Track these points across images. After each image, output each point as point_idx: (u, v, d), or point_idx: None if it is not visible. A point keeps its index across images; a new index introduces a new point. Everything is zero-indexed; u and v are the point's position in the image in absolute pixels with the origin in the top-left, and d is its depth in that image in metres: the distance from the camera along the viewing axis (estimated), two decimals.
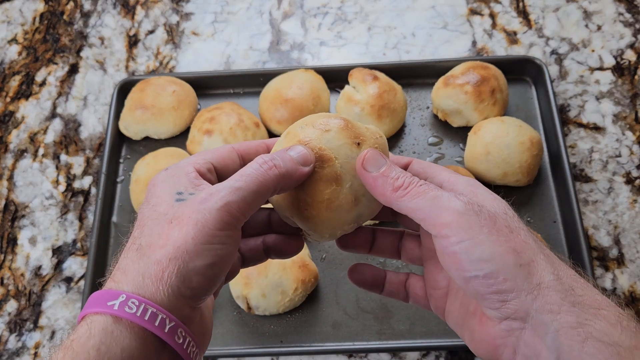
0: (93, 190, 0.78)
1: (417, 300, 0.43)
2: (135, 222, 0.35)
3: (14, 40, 0.92)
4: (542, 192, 0.73)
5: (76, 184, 0.79)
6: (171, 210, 0.33)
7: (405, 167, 0.40)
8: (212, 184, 0.36)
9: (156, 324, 0.31)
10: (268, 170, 0.35)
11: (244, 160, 0.40)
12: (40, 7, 0.95)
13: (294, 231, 0.42)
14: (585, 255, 0.65)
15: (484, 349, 0.35)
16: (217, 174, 0.38)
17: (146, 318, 0.30)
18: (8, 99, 0.86)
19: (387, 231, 0.44)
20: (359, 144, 0.38)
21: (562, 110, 0.80)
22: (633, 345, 0.30)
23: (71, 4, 0.95)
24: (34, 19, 0.94)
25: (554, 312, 0.31)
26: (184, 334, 0.32)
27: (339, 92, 0.80)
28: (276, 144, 0.40)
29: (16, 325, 0.70)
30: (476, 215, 0.34)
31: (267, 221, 0.43)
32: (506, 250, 0.33)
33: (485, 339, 0.35)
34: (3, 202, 0.78)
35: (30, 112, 0.85)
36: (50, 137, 0.82)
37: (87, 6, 0.94)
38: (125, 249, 0.34)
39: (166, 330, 0.31)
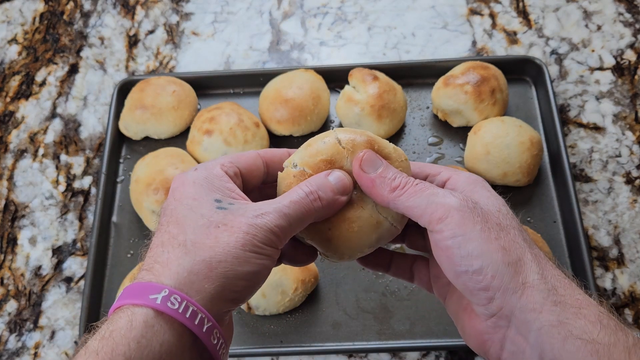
0: (93, 190, 0.78)
1: (421, 283, 0.45)
2: (165, 218, 0.36)
3: (14, 40, 0.92)
4: (542, 192, 0.73)
5: (76, 184, 0.79)
6: (215, 215, 0.34)
7: None
8: (240, 188, 0.38)
9: (196, 322, 0.31)
10: (313, 201, 0.36)
11: (267, 168, 0.41)
12: (40, 7, 0.95)
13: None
14: (585, 255, 0.65)
15: (473, 343, 0.37)
16: (243, 179, 0.39)
17: (187, 315, 0.31)
18: (8, 99, 0.86)
19: None
20: None
21: (562, 110, 0.80)
22: (611, 343, 0.31)
23: (71, 4, 0.95)
24: (34, 19, 0.94)
25: (536, 311, 0.33)
26: (218, 335, 0.33)
27: (339, 92, 0.80)
28: (295, 153, 0.40)
29: (16, 325, 0.70)
30: (470, 211, 0.35)
31: None
32: (496, 248, 0.34)
33: (474, 334, 0.37)
34: (3, 202, 0.78)
35: (30, 112, 0.85)
36: (50, 137, 0.82)
37: (87, 6, 0.94)
38: (159, 243, 0.34)
39: (204, 330, 0.32)
